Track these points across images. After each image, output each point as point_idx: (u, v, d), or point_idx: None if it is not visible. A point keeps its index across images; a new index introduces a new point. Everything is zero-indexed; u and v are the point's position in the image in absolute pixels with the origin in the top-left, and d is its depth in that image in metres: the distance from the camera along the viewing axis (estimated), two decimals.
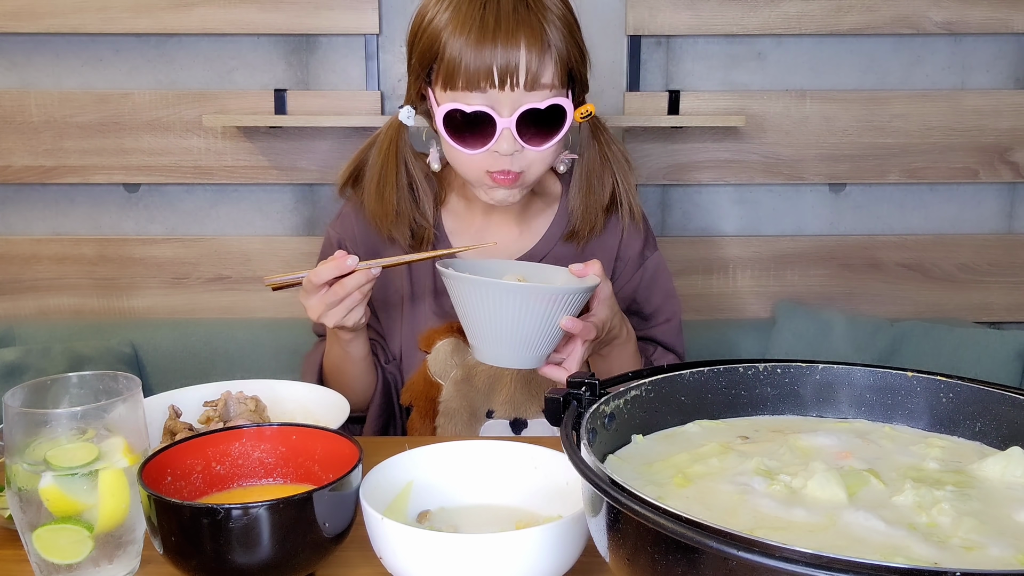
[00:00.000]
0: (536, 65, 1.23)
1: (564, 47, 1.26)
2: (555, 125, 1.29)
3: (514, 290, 1.12)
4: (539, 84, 1.25)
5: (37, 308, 2.30)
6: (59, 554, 0.82)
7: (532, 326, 1.14)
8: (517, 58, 1.22)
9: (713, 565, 0.55)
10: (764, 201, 2.33)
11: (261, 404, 1.18)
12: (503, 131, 1.25)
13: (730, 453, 0.77)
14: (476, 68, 1.23)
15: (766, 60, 2.26)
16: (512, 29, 1.22)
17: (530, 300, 1.12)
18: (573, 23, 1.30)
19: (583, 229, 1.43)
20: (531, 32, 1.22)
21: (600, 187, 1.43)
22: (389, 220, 1.39)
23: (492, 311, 1.13)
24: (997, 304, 2.36)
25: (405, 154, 1.40)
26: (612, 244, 1.49)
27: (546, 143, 1.29)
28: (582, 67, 1.33)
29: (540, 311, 1.12)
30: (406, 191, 1.41)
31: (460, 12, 1.24)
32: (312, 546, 0.80)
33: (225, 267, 2.31)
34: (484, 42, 1.22)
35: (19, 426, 0.82)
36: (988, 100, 2.26)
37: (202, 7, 2.16)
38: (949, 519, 0.64)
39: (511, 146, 1.26)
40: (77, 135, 2.22)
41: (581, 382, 0.77)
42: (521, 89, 1.24)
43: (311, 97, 2.23)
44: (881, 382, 0.85)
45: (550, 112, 1.27)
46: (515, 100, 1.25)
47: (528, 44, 1.22)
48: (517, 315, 1.12)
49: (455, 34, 1.23)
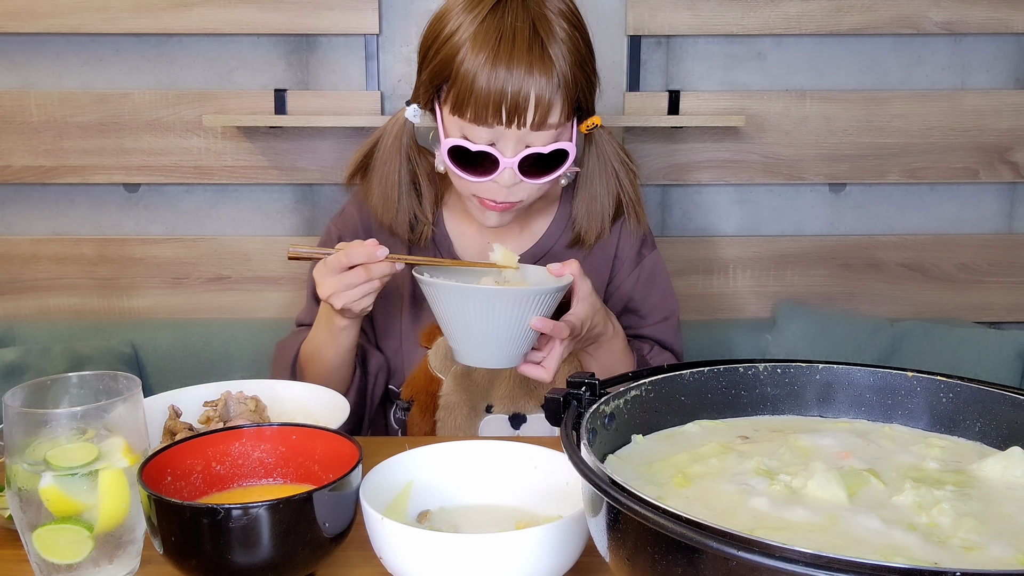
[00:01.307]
0: (545, 106, 1.24)
1: (574, 81, 1.27)
2: (557, 165, 1.31)
3: (481, 293, 1.15)
4: (546, 124, 1.26)
5: (37, 308, 2.30)
6: (59, 554, 0.82)
7: (503, 327, 1.16)
8: (528, 98, 1.23)
9: (713, 565, 0.55)
10: (764, 201, 2.33)
11: (261, 404, 1.18)
12: (504, 169, 1.28)
13: (730, 453, 0.77)
14: (485, 103, 1.23)
15: (766, 60, 2.26)
16: (526, 68, 1.22)
17: (497, 302, 1.14)
18: (586, 54, 1.30)
19: (589, 236, 1.45)
20: (543, 69, 1.23)
21: (606, 196, 1.44)
22: (391, 213, 1.41)
23: (463, 314, 1.16)
24: (997, 304, 2.36)
25: (410, 150, 1.42)
26: (610, 244, 1.50)
27: (546, 177, 1.31)
28: (590, 95, 1.34)
29: (509, 312, 1.15)
30: (408, 186, 1.42)
31: (478, 40, 1.24)
32: (312, 546, 0.80)
33: (225, 267, 2.31)
34: (496, 78, 1.22)
35: (19, 426, 0.82)
36: (988, 100, 2.26)
37: (202, 7, 2.16)
38: (949, 519, 0.64)
39: (511, 181, 1.29)
40: (77, 135, 2.22)
41: (581, 382, 0.77)
42: (527, 128, 1.25)
43: (311, 97, 2.22)
44: (881, 382, 0.85)
45: (553, 155, 1.29)
46: (520, 138, 1.27)
47: (539, 86, 1.23)
48: (486, 317, 1.15)
49: (470, 62, 1.24)
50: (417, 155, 1.43)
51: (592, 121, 1.35)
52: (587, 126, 1.35)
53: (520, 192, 1.32)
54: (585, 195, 1.44)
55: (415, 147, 1.43)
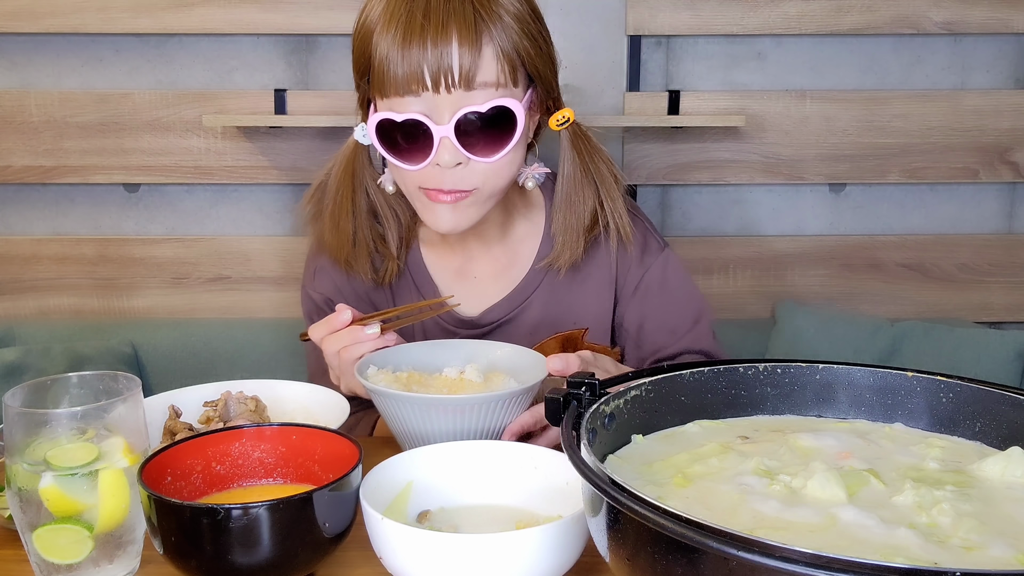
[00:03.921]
0: (471, 61, 1.09)
1: (509, 40, 1.12)
2: (504, 130, 1.14)
3: (434, 403, 1.01)
4: (479, 83, 1.10)
5: (37, 308, 2.30)
6: (59, 554, 0.82)
7: (469, 433, 1.04)
8: (449, 54, 1.08)
9: (713, 565, 0.55)
10: (764, 201, 2.33)
11: (261, 404, 1.18)
12: (441, 140, 1.11)
13: (730, 453, 0.77)
14: (405, 69, 1.09)
15: (766, 60, 2.26)
16: (443, 22, 1.08)
17: (456, 412, 1.01)
18: (526, 14, 1.15)
19: (563, 255, 1.27)
20: (464, 24, 1.08)
21: (581, 203, 1.25)
22: (345, 251, 1.27)
23: (419, 425, 1.03)
24: (997, 304, 2.36)
25: (363, 177, 1.26)
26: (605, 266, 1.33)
27: (496, 153, 1.14)
28: (541, 62, 1.17)
29: (473, 423, 1.03)
30: (364, 218, 1.27)
31: (388, 8, 1.12)
32: (312, 546, 0.80)
33: (225, 267, 2.31)
34: (411, 39, 1.08)
35: (19, 426, 0.82)
36: (988, 100, 2.26)
37: (202, 7, 2.16)
38: (949, 519, 0.64)
39: (453, 156, 1.12)
40: (77, 135, 2.22)
41: (581, 382, 0.77)
42: (459, 90, 1.10)
43: (311, 97, 2.22)
44: (881, 382, 0.85)
45: (495, 116, 1.12)
46: (454, 103, 1.11)
47: (461, 38, 1.08)
48: (447, 428, 1.03)
49: (383, 33, 1.11)
50: (373, 182, 1.27)
51: (563, 115, 1.20)
52: (557, 120, 1.20)
53: (471, 176, 1.15)
54: (563, 203, 1.26)
55: (370, 173, 1.27)
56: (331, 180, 1.27)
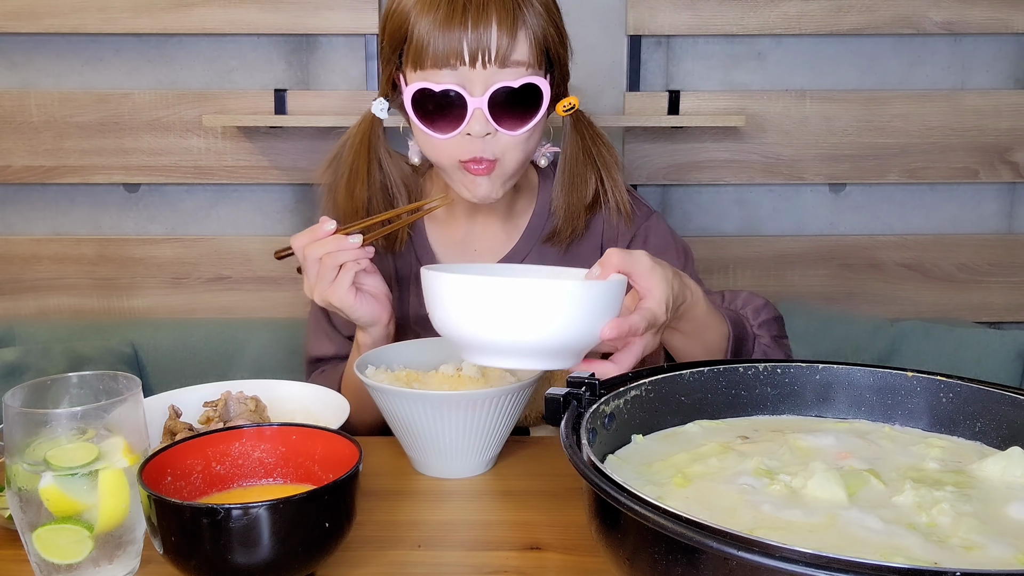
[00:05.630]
0: (508, 41, 1.18)
1: (540, 26, 1.21)
2: (531, 107, 1.22)
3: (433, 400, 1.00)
4: (512, 61, 1.19)
5: (37, 308, 2.30)
6: (59, 554, 0.82)
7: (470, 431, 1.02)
8: (488, 34, 1.17)
9: (713, 565, 0.55)
10: (764, 201, 2.33)
11: (261, 404, 1.18)
12: (475, 111, 1.19)
13: (730, 453, 0.77)
14: (445, 45, 1.17)
15: (766, 60, 2.26)
16: (483, 5, 1.17)
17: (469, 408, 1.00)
18: (552, 4, 1.26)
19: (564, 230, 1.36)
20: (503, 8, 1.18)
21: (583, 184, 1.35)
22: (359, 215, 1.33)
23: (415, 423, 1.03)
24: (997, 304, 2.36)
25: (379, 150, 1.34)
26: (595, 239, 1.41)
27: (521, 127, 1.22)
28: (561, 50, 1.27)
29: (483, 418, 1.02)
30: (378, 190, 1.34)
31: None
32: (312, 546, 0.80)
33: (225, 267, 2.31)
34: (453, 19, 1.17)
35: (19, 426, 0.82)
36: (988, 100, 2.26)
37: (202, 7, 2.16)
38: (949, 519, 0.64)
39: (483, 127, 1.20)
40: (77, 135, 2.22)
41: (581, 382, 0.77)
42: (493, 66, 1.18)
43: (311, 97, 2.22)
44: (881, 382, 0.85)
45: (525, 92, 1.21)
46: (487, 78, 1.19)
47: (500, 20, 1.17)
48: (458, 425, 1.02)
49: (423, 13, 1.18)
50: (388, 156, 1.35)
51: (569, 102, 1.29)
52: (564, 107, 1.28)
53: (498, 146, 1.22)
54: (566, 182, 1.34)
55: (385, 147, 1.34)
56: (346, 150, 1.34)
